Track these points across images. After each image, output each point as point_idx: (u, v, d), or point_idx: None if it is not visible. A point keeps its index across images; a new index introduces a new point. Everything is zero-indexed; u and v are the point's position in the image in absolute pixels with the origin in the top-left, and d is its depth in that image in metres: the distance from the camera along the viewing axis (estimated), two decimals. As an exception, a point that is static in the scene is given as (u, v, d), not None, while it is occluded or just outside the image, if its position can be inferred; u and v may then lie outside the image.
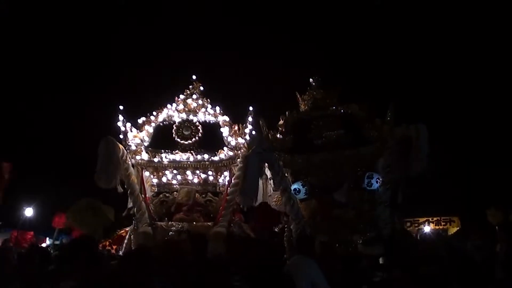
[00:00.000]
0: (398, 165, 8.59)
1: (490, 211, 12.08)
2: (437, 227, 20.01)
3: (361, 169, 8.67)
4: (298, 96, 9.54)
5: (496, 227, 11.82)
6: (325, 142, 8.83)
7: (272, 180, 8.98)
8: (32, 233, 10.65)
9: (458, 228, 19.24)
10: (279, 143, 8.90)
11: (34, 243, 10.49)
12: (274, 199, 9.28)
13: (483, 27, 18.81)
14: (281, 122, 9.27)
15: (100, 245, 10.33)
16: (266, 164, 8.53)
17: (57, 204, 12.39)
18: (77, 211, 8.10)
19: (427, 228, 19.03)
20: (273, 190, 9.32)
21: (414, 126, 8.47)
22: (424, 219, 20.19)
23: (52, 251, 10.05)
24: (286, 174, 8.68)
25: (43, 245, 11.23)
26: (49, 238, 11.97)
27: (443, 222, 20.50)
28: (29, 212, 11.86)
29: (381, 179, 8.55)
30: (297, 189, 8.70)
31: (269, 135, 9.06)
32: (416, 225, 19.81)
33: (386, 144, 8.58)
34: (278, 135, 9.04)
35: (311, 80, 9.52)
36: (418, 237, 14.30)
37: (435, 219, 20.49)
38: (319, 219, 8.39)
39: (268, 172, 8.87)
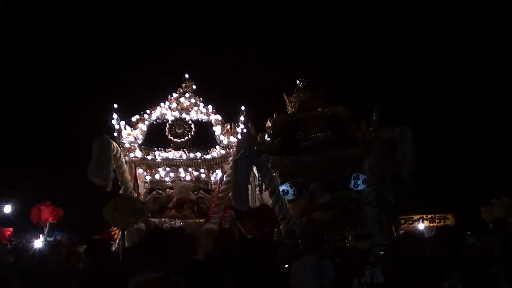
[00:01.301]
0: (384, 166, 9.00)
1: (484, 208, 12.38)
2: (431, 224, 20.32)
3: (347, 170, 9.04)
4: (285, 97, 9.87)
5: (490, 224, 12.16)
6: (312, 144, 9.20)
7: (259, 182, 9.33)
8: (11, 229, 10.81)
9: (452, 225, 19.60)
10: (267, 145, 9.26)
11: (13, 239, 10.63)
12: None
13: (473, 30, 19.18)
14: (269, 124, 9.61)
15: None
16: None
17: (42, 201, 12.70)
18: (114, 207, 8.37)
19: (421, 226, 19.34)
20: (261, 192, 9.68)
21: (400, 129, 8.85)
22: (418, 216, 20.45)
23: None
24: (274, 175, 9.08)
25: (39, 241, 11.39)
26: (42, 234, 12.16)
27: (437, 219, 20.75)
28: (7, 209, 11.81)
29: (366, 180, 8.94)
30: (286, 190, 9.06)
31: (258, 137, 9.40)
32: (410, 222, 20.09)
33: (371, 145, 8.98)
34: (266, 137, 9.38)
35: (297, 82, 9.85)
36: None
37: (429, 216, 20.72)
38: (307, 219, 8.78)
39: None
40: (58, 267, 6.35)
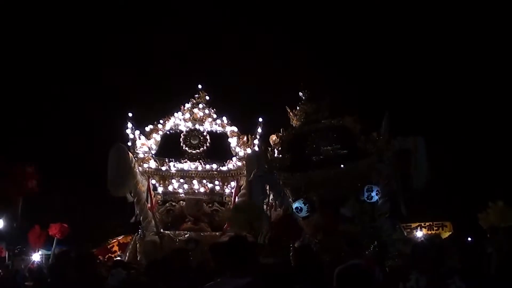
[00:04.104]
0: (397, 177, 9.14)
1: (482, 215, 12.70)
2: (429, 232, 20.74)
3: (360, 182, 9.08)
4: (289, 111, 9.84)
5: (487, 230, 12.50)
6: (323, 158, 9.28)
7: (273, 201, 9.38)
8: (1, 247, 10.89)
9: (450, 232, 20.04)
10: (278, 162, 9.33)
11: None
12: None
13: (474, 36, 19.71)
14: (276, 139, 9.64)
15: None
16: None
17: (39, 215, 12.74)
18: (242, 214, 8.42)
19: (419, 233, 19.71)
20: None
21: (412, 139, 8.96)
22: (417, 224, 20.84)
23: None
24: (286, 192, 9.15)
25: (36, 256, 11.48)
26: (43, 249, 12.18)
27: (435, 227, 21.22)
28: None
29: (380, 191, 8.98)
30: (299, 208, 9.05)
31: (268, 154, 9.45)
32: (408, 230, 20.43)
33: (382, 156, 9.08)
34: (276, 154, 9.44)
35: (300, 94, 9.83)
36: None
37: (427, 224, 21.19)
38: (322, 235, 8.81)
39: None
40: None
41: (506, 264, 7.14)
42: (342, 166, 9.17)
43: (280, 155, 9.49)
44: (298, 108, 9.85)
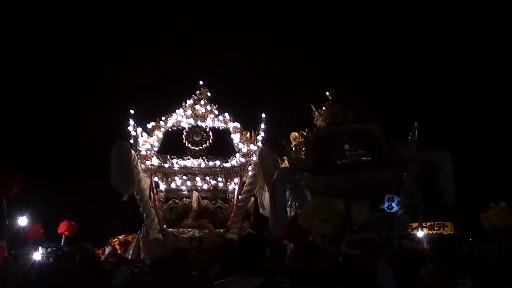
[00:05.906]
0: (419, 190, 9.05)
1: (483, 214, 12.75)
2: (430, 232, 20.78)
3: (381, 191, 9.02)
4: (314, 109, 9.81)
5: (489, 230, 12.56)
6: (347, 162, 9.24)
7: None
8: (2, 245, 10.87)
9: (451, 232, 20.11)
10: (301, 163, 9.25)
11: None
12: None
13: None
14: (297, 137, 9.72)
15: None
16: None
17: (48, 212, 12.69)
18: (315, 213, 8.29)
19: (420, 233, 19.72)
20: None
21: (439, 153, 8.93)
22: (417, 223, 20.86)
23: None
24: (307, 195, 9.11)
25: (37, 253, 11.44)
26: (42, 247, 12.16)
27: (436, 227, 21.29)
28: (22, 221, 11.65)
29: (400, 202, 8.91)
30: None
31: (292, 154, 9.39)
32: (410, 230, 20.42)
33: (406, 167, 9.00)
34: (299, 155, 9.35)
35: (327, 93, 9.81)
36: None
37: (428, 224, 21.12)
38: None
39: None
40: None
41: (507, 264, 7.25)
42: (365, 172, 9.10)
43: (304, 156, 9.43)
44: (324, 108, 9.80)
